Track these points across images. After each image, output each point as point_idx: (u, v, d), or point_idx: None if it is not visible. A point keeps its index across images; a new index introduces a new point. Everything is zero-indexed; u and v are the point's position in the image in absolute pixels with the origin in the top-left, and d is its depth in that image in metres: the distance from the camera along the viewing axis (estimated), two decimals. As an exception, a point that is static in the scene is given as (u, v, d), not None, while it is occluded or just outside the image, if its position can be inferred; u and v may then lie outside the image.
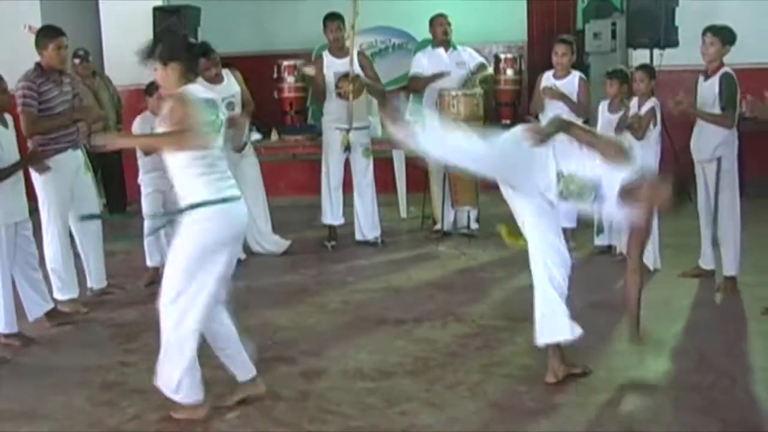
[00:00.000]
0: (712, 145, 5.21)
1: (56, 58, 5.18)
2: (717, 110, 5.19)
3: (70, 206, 5.37)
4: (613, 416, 3.74)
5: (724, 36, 5.16)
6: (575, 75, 6.20)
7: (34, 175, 5.16)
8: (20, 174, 4.86)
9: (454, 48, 7.01)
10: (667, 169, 3.72)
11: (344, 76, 6.49)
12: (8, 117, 4.88)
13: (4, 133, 4.79)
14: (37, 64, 5.18)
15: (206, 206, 3.61)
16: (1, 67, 5.12)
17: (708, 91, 5.23)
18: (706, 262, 5.56)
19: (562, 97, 6.05)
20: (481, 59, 7.14)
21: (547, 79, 6.23)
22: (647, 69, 5.87)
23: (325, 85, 6.65)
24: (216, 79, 6.05)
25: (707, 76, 5.26)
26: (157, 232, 5.79)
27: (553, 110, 6.06)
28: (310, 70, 6.68)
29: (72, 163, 5.32)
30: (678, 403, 3.81)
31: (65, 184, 5.28)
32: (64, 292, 5.38)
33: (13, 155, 4.82)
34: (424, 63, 6.93)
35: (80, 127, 5.43)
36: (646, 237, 4.06)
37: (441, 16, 6.98)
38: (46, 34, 5.21)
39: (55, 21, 6.21)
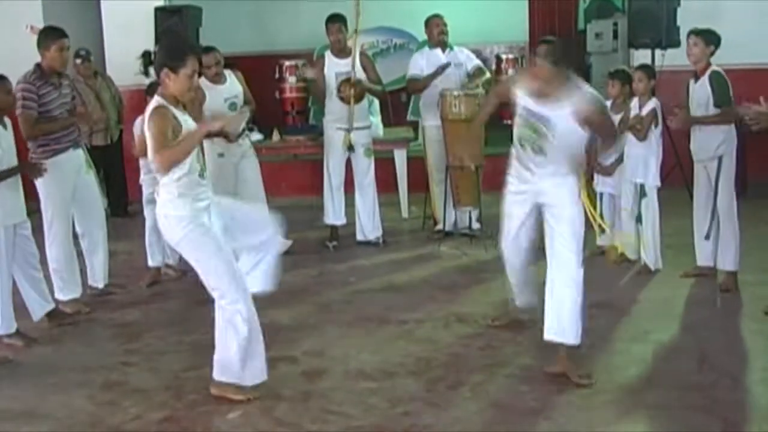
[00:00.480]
0: (714, 144, 5.24)
1: (58, 60, 5.17)
2: (712, 110, 5.23)
3: (72, 206, 5.38)
4: (613, 416, 3.74)
5: (707, 37, 5.28)
6: None
7: (36, 176, 5.15)
8: (18, 175, 4.84)
9: (451, 49, 6.98)
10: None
11: (346, 80, 6.49)
12: (6, 119, 4.84)
13: (4, 134, 4.77)
14: (37, 66, 5.17)
15: None
16: (1, 67, 5.10)
17: (700, 92, 5.29)
18: (701, 260, 5.55)
19: None
20: (478, 62, 7.09)
21: None
22: (646, 69, 5.87)
23: (325, 86, 6.65)
24: (218, 79, 6.06)
25: (697, 78, 5.34)
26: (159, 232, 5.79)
27: None
28: (311, 73, 6.68)
29: (73, 162, 5.32)
30: (679, 403, 3.81)
31: (67, 184, 5.28)
32: (65, 292, 5.38)
33: (12, 157, 4.80)
34: (422, 64, 6.90)
35: (81, 126, 5.43)
36: (611, 137, 4.36)
37: (436, 16, 6.96)
38: (49, 35, 5.19)
39: (56, 21, 6.21)
